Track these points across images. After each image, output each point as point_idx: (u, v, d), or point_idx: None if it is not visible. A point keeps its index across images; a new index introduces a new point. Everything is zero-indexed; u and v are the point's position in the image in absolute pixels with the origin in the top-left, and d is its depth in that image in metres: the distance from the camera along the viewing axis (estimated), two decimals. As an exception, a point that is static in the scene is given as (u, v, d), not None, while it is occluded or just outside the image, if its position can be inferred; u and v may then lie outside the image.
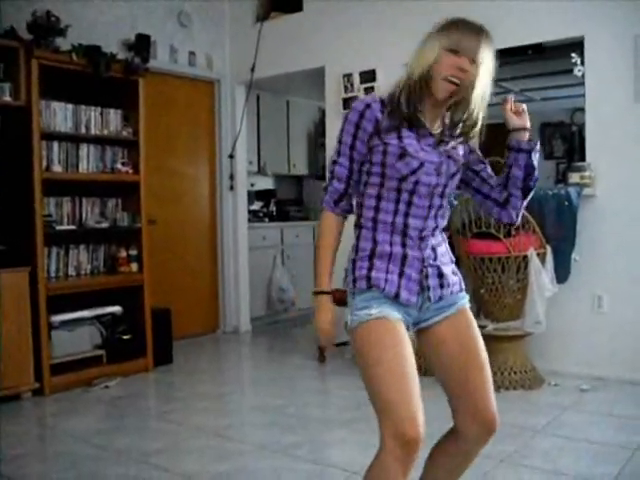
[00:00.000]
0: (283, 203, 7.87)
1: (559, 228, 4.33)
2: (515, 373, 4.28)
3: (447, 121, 1.98)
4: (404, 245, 1.94)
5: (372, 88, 5.38)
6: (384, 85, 5.35)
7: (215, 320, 6.60)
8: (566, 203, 4.29)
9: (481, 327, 4.46)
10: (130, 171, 4.95)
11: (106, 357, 4.78)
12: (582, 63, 4.49)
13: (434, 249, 1.99)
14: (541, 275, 4.18)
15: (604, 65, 4.41)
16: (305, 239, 7.48)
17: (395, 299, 1.92)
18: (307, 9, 5.89)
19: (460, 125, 1.95)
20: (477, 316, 4.46)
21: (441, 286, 1.98)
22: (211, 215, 6.53)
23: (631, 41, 4.29)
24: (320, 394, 4.62)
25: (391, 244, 1.94)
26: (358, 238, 2.00)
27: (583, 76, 4.51)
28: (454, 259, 2.10)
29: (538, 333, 4.32)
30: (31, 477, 3.07)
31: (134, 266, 4.98)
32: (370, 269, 1.93)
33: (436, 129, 1.97)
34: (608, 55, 4.39)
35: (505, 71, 6.66)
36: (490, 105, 1.95)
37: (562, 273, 4.39)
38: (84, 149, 4.80)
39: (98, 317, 4.83)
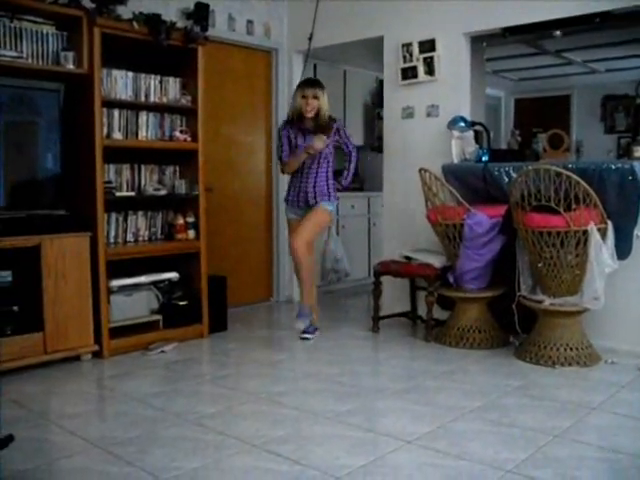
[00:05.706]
0: (338, 173, 7.83)
1: (621, 203, 4.21)
2: (571, 349, 4.22)
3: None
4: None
5: (431, 58, 5.29)
6: (444, 55, 5.26)
7: (269, 289, 6.67)
8: (630, 177, 4.16)
9: (537, 302, 4.41)
10: (188, 139, 5.00)
11: (162, 322, 4.89)
12: (653, 32, 4.35)
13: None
14: (601, 251, 4.09)
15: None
16: (360, 210, 7.47)
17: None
18: (366, -23, 5.81)
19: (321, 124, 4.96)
20: (533, 290, 4.40)
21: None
22: (267, 184, 6.57)
23: None
24: (373, 364, 4.64)
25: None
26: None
27: (652, 45, 4.37)
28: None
29: (596, 309, 4.24)
30: (93, 434, 3.16)
31: (191, 233, 5.05)
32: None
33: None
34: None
35: (568, 41, 6.53)
36: (547, 77, 1.95)
37: (623, 249, 4.28)
38: (143, 117, 4.87)
39: (155, 283, 4.93)
